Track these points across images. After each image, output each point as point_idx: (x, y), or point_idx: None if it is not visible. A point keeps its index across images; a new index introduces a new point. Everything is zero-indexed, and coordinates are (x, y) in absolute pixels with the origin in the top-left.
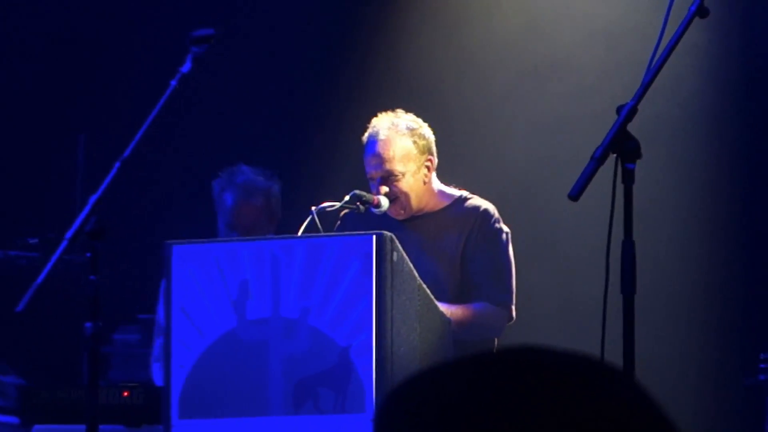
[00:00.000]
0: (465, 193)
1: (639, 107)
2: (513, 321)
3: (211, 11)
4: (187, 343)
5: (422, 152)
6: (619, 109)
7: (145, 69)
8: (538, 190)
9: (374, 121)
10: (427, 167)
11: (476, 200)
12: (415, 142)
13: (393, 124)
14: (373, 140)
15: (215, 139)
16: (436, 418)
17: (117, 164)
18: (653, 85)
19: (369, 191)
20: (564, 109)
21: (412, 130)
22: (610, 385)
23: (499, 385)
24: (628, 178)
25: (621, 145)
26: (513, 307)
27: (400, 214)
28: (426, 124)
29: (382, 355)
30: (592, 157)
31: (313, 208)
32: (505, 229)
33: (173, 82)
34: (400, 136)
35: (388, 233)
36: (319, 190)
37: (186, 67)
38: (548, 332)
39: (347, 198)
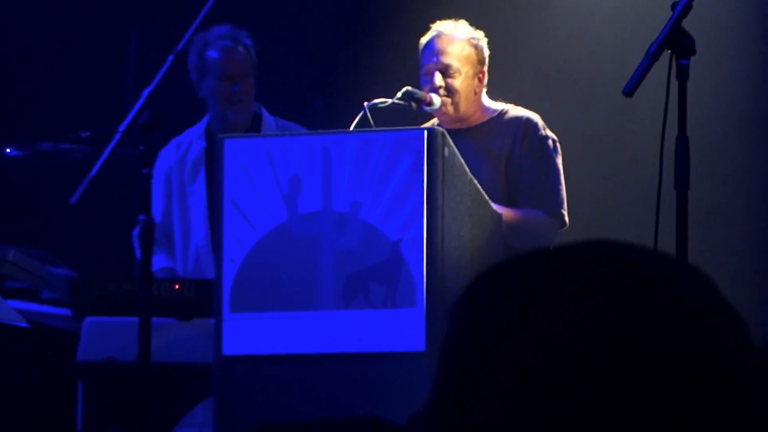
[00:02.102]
0: (508, 106)
1: (693, 3)
2: (566, 227)
3: None
4: (239, 236)
5: (479, 61)
6: (674, 6)
7: None
8: (593, 87)
9: (437, 23)
10: (479, 78)
11: (518, 110)
12: (475, 48)
13: (457, 27)
14: (436, 35)
15: (268, 33)
16: (515, 311)
17: (170, 57)
18: None
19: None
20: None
21: (474, 38)
22: (690, 288)
23: (577, 277)
24: (683, 74)
25: (676, 41)
26: (565, 214)
27: (448, 112)
28: (485, 38)
29: (433, 249)
30: (646, 53)
31: (365, 103)
32: (552, 136)
33: None
34: (462, 39)
35: (439, 128)
36: (371, 86)
37: None
38: (603, 229)
39: (399, 94)
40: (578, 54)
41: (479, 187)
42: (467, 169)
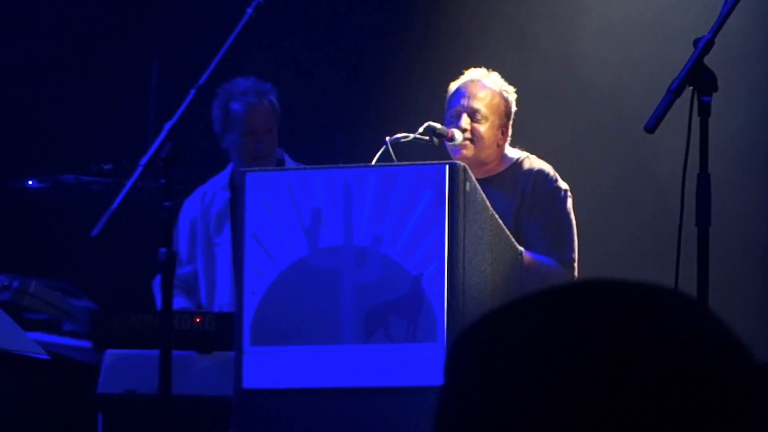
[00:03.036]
0: (524, 155)
1: (716, 40)
2: (575, 277)
3: None
4: (260, 269)
5: (506, 114)
6: (696, 42)
7: None
8: (614, 123)
9: (470, 70)
10: (503, 131)
11: (532, 161)
12: (504, 101)
13: (489, 76)
14: (468, 80)
15: (290, 68)
16: (508, 356)
17: (192, 91)
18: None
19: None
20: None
21: (504, 91)
22: (686, 315)
23: (572, 320)
24: (704, 111)
25: (697, 77)
26: (575, 266)
27: (467, 154)
28: (514, 95)
29: (454, 284)
30: (668, 90)
31: (388, 138)
32: (563, 186)
33: (249, 10)
34: (494, 88)
35: (461, 162)
36: (393, 121)
37: None
38: (622, 267)
39: (421, 129)
40: (601, 91)
41: (500, 221)
42: (488, 204)
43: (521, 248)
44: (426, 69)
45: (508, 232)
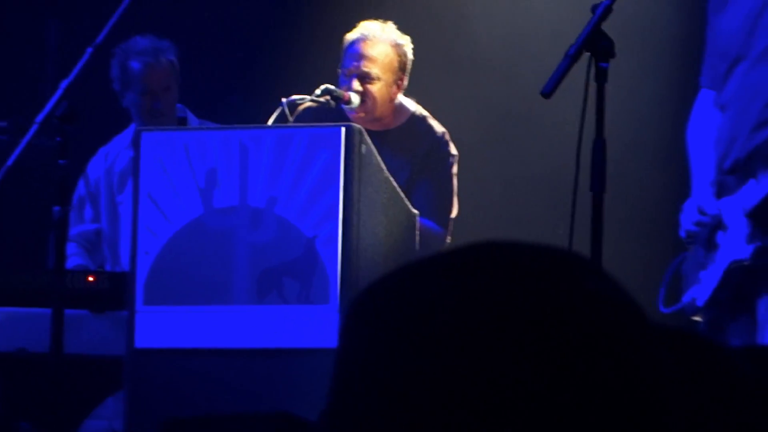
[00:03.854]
0: (419, 111)
1: (614, 6)
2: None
3: None
4: (154, 229)
5: (400, 68)
6: (594, 8)
7: None
8: (511, 88)
9: (364, 23)
10: (398, 85)
11: (429, 122)
12: (398, 56)
13: (384, 30)
14: (361, 38)
15: (188, 27)
16: (402, 321)
17: (89, 50)
18: None
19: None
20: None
21: (399, 45)
22: (579, 276)
23: (466, 283)
24: (602, 77)
25: (595, 43)
26: (449, 233)
27: (360, 117)
28: (410, 45)
29: (348, 246)
30: (565, 55)
31: (284, 99)
32: (454, 152)
33: None
34: (387, 44)
35: (357, 125)
36: (290, 82)
37: None
38: (517, 229)
39: (318, 91)
40: (496, 54)
41: (396, 185)
42: (384, 167)
43: (416, 211)
44: (322, 28)
45: (402, 195)
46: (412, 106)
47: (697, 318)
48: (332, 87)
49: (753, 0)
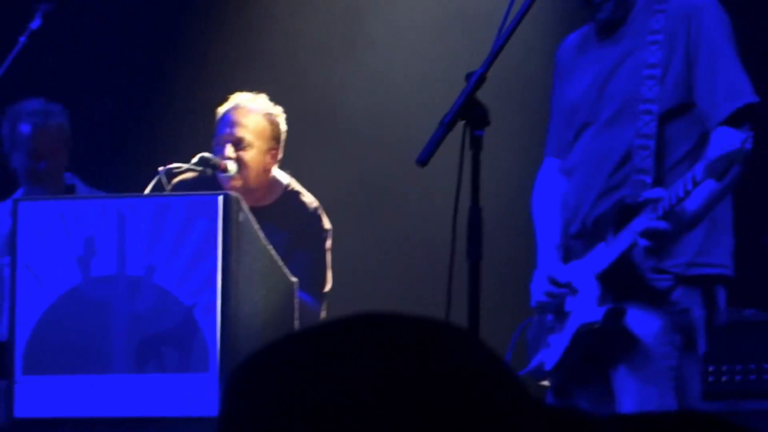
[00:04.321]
0: (292, 184)
1: (488, 75)
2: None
3: None
4: (31, 299)
5: (274, 137)
6: (468, 76)
7: None
8: (387, 157)
9: (237, 94)
10: (272, 155)
11: (304, 196)
12: (271, 124)
13: (254, 100)
14: (234, 107)
15: (64, 94)
16: (283, 391)
17: None
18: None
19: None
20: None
21: (270, 114)
22: (457, 349)
23: (345, 354)
24: (476, 145)
25: (469, 111)
26: (323, 308)
27: (235, 186)
28: (283, 116)
29: (227, 314)
30: (440, 123)
31: (161, 168)
32: (327, 226)
33: (22, 39)
34: (258, 113)
35: (234, 194)
36: (166, 152)
37: (35, 23)
38: (394, 300)
39: (195, 160)
40: (367, 123)
41: (274, 253)
42: (261, 235)
43: (294, 279)
44: (200, 99)
45: (281, 263)
46: (286, 179)
47: (544, 382)
48: (209, 155)
49: (599, 68)
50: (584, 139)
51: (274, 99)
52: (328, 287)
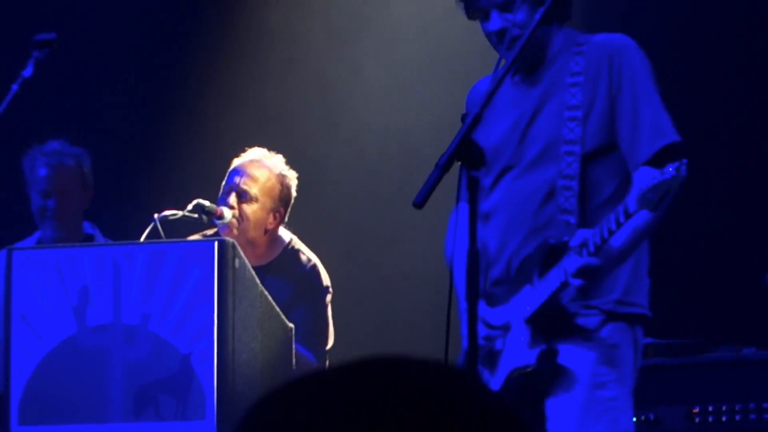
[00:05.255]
0: (294, 242)
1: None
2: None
3: (53, 15)
4: (27, 349)
5: (281, 199)
6: (463, 117)
7: None
8: (384, 198)
9: (254, 148)
10: (276, 216)
11: (304, 254)
12: (281, 185)
13: (270, 158)
14: (247, 160)
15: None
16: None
17: None
18: None
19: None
20: (409, 114)
21: (283, 176)
22: (469, 392)
23: (355, 399)
24: (474, 186)
25: (465, 152)
26: (327, 360)
27: (231, 233)
28: (296, 180)
29: (223, 362)
30: (436, 165)
31: (156, 215)
32: (326, 283)
33: (15, 87)
34: (271, 172)
35: (230, 240)
36: (162, 198)
37: (28, 71)
38: (394, 340)
39: (190, 207)
40: (365, 161)
41: (270, 299)
42: (258, 281)
43: (291, 324)
44: (198, 145)
45: (278, 309)
46: (287, 237)
47: None
48: (204, 202)
49: (519, 111)
50: (505, 182)
51: (274, 150)
52: (329, 344)
